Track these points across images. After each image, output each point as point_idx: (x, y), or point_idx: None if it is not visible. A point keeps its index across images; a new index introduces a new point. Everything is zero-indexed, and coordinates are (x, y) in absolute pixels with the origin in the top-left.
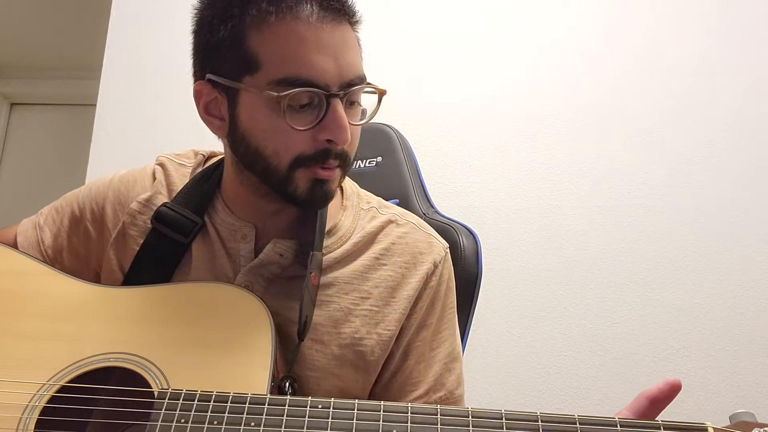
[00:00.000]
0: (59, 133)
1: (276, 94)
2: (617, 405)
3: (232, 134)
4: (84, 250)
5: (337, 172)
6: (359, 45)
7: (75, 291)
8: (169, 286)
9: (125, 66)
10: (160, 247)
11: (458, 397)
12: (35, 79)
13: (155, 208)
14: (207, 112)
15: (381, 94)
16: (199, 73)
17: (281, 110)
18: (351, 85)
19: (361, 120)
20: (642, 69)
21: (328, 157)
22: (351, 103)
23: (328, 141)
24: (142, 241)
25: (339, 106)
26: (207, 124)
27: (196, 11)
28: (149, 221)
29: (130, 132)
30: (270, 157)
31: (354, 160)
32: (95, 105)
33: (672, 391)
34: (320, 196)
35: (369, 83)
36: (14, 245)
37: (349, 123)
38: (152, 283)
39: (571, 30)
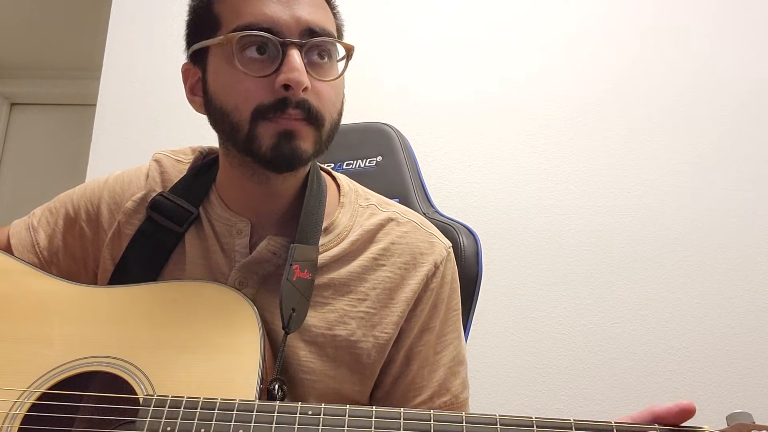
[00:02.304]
0: (59, 133)
1: (224, 36)
2: (617, 405)
3: (206, 104)
4: (80, 250)
5: (306, 128)
6: (332, 11)
7: (57, 291)
8: (154, 285)
9: (125, 66)
10: (153, 235)
11: (463, 401)
12: (35, 79)
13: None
14: (192, 92)
15: (348, 49)
16: (186, 55)
17: (233, 56)
18: (312, 36)
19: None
20: (642, 69)
21: (287, 106)
22: (318, 59)
23: (286, 88)
24: None
25: (294, 52)
26: (192, 104)
27: None
28: (145, 212)
29: (130, 132)
30: (232, 112)
31: (332, 125)
32: (95, 105)
33: (681, 415)
34: (288, 151)
35: (334, 37)
36: (7, 247)
37: (318, 78)
38: (144, 273)
39: (572, 30)
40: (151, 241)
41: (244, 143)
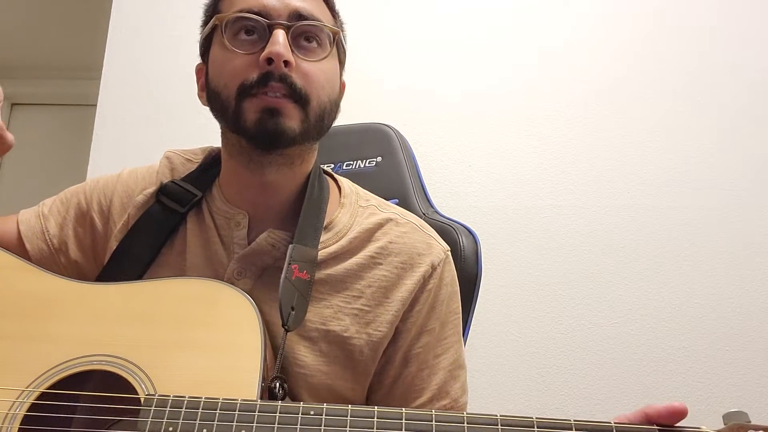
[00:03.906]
0: (59, 133)
1: (215, 17)
2: (617, 405)
3: (207, 93)
4: (90, 241)
5: (290, 105)
6: (328, 8)
7: (55, 288)
8: (154, 283)
9: (125, 66)
10: (157, 215)
11: (463, 406)
12: (35, 79)
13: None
14: (201, 89)
15: (334, 33)
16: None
17: (224, 37)
18: (300, 19)
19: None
20: (642, 69)
21: (269, 79)
22: (307, 42)
23: (269, 63)
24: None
25: (279, 31)
26: (200, 101)
27: None
28: (154, 200)
29: (130, 132)
30: (222, 91)
31: (320, 107)
32: (95, 105)
33: (673, 416)
34: (272, 127)
35: (321, 21)
36: (16, 234)
37: (304, 59)
38: (144, 252)
39: (571, 30)
40: (155, 221)
41: (232, 120)
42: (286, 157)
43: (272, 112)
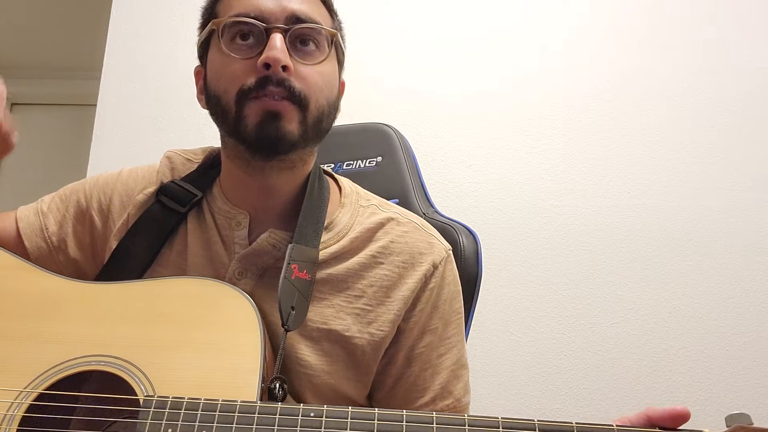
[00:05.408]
0: (59, 133)
1: (212, 22)
2: (616, 405)
3: (205, 96)
4: (89, 239)
5: (290, 107)
6: (327, 10)
7: (54, 287)
8: (153, 282)
9: (125, 66)
10: (158, 215)
11: (465, 405)
12: (35, 79)
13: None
14: (200, 92)
15: (331, 35)
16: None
17: (222, 42)
18: (297, 23)
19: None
20: (642, 69)
21: (268, 83)
22: (305, 45)
23: (267, 67)
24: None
25: (276, 35)
26: (200, 103)
27: None
28: (154, 199)
29: (130, 132)
30: (222, 96)
31: (319, 110)
32: (95, 105)
33: (675, 420)
34: (272, 132)
35: (318, 24)
36: (15, 231)
37: (302, 62)
38: (144, 252)
39: (572, 30)
40: (156, 221)
41: (233, 125)
42: (286, 162)
43: (273, 116)
